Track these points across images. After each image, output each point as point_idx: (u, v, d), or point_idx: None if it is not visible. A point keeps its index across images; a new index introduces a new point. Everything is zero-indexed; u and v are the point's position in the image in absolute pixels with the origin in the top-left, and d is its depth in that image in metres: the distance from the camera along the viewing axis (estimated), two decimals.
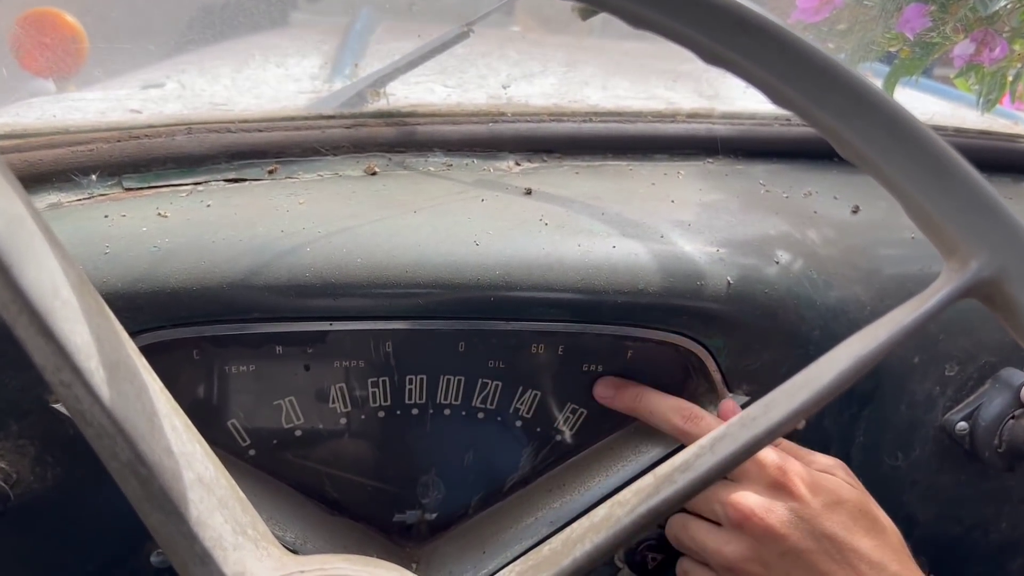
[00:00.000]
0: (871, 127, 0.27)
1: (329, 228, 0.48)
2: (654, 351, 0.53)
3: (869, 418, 0.56)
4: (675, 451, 0.45)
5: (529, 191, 0.56)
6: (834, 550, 0.46)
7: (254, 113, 0.60)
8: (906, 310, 0.27)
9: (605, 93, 0.77)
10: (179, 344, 0.47)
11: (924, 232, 0.28)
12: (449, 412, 0.53)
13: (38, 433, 0.45)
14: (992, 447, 0.57)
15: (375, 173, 0.57)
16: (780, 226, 0.56)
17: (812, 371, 0.28)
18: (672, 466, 0.28)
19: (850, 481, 0.50)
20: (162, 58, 0.89)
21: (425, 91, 0.74)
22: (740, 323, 0.51)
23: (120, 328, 0.28)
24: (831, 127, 0.28)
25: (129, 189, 0.52)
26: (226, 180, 0.54)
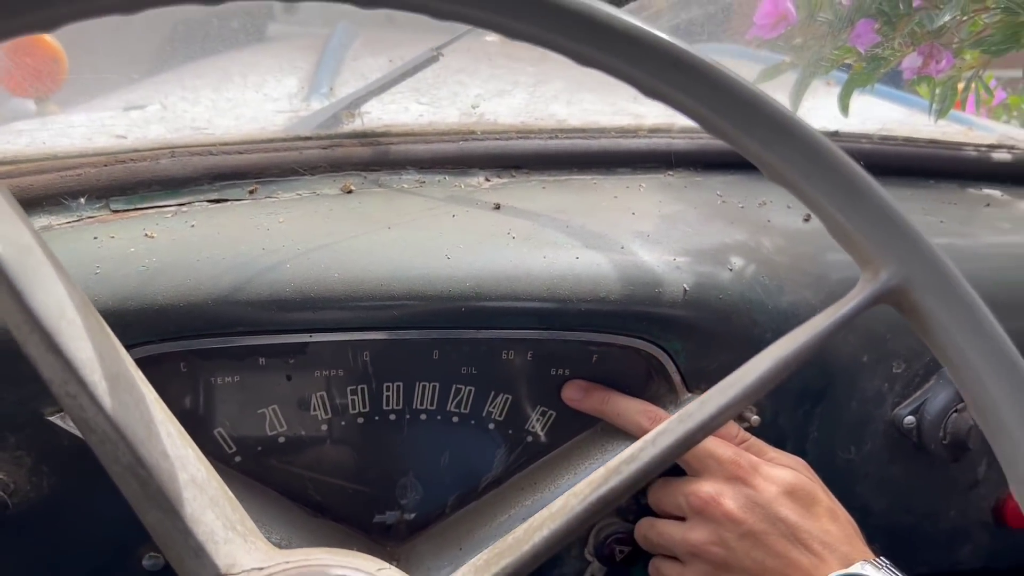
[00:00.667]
0: (791, 153, 0.30)
1: (308, 245, 0.51)
2: (618, 355, 0.56)
3: (822, 415, 0.60)
4: None
5: (498, 206, 0.59)
6: (788, 532, 0.50)
7: (234, 136, 0.62)
8: (824, 316, 0.30)
9: (572, 108, 0.80)
10: (168, 357, 0.50)
11: (842, 246, 0.31)
12: (425, 417, 0.56)
13: (35, 445, 0.48)
14: (938, 439, 0.61)
15: (351, 191, 0.60)
16: (735, 235, 0.59)
17: (741, 372, 0.31)
18: (620, 459, 0.31)
19: (806, 474, 0.54)
20: (143, 77, 0.91)
21: (400, 109, 0.77)
22: (697, 327, 0.54)
23: (119, 344, 0.30)
24: (756, 153, 0.31)
25: (116, 211, 0.55)
26: (209, 201, 0.57)
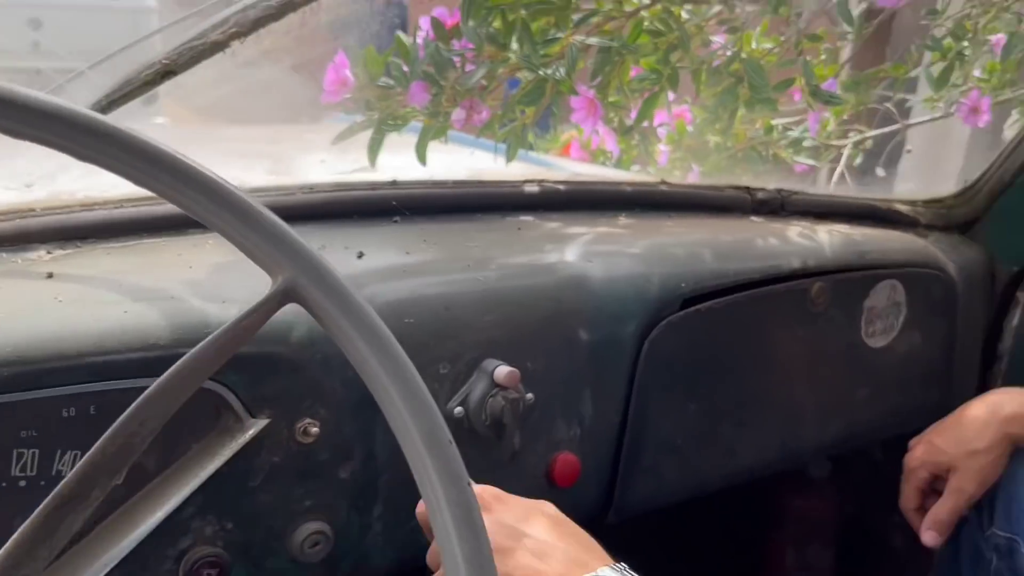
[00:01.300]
0: (198, 197, 0.38)
1: None
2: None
3: (384, 418, 0.70)
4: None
5: (51, 275, 0.62)
6: (535, 547, 0.59)
7: None
8: (239, 318, 0.39)
9: None
10: None
11: (259, 265, 0.40)
12: None
13: None
14: (482, 423, 0.73)
15: None
16: None
17: (163, 377, 0.38)
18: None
19: (546, 510, 0.64)
20: None
21: None
22: (249, 358, 0.61)
23: None
24: (179, 201, 0.39)
25: None
26: None
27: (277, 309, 0.39)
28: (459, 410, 0.73)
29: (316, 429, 0.65)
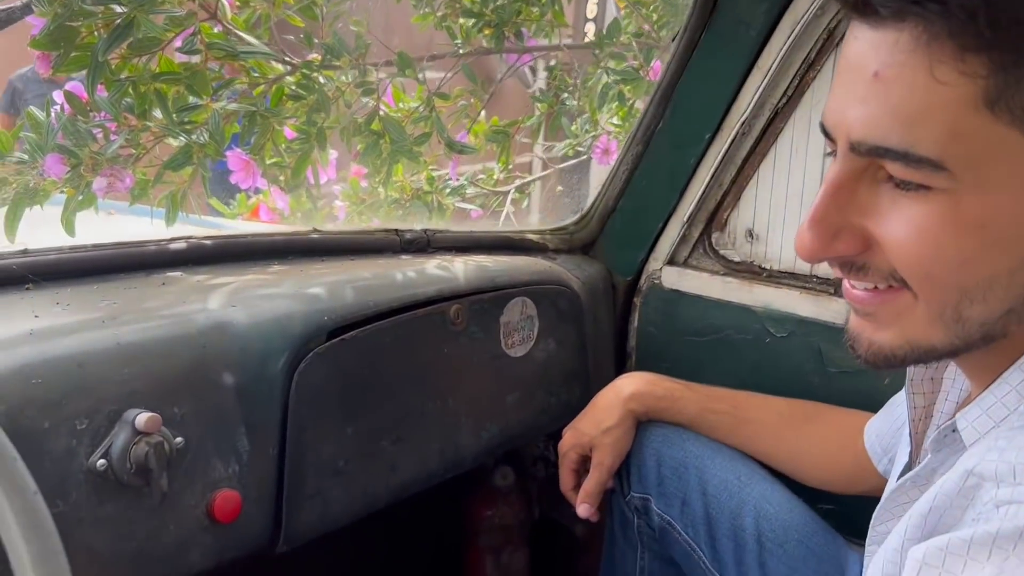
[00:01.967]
0: None
1: None
2: None
3: None
4: None
5: None
6: None
7: None
8: None
9: None
10: None
11: None
12: None
13: None
14: (127, 471, 0.75)
15: None
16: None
17: None
18: None
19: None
20: None
21: None
22: None
23: None
24: None
25: None
26: None
27: None
28: (102, 463, 0.75)
29: None
